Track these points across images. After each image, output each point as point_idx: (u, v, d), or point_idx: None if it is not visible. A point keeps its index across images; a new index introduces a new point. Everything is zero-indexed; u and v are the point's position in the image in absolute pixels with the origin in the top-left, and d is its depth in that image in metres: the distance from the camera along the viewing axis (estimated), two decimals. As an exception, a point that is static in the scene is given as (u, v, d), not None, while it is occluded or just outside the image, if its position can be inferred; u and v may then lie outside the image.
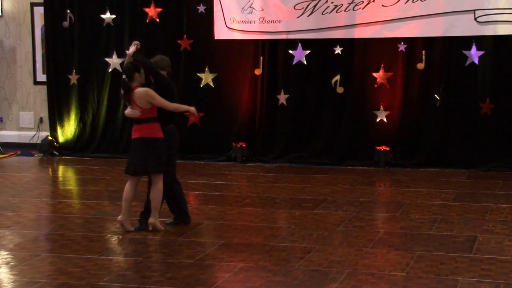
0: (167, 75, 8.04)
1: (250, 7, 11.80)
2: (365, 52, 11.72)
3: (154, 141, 7.87)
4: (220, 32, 12.03)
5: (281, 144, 12.10)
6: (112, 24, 12.64)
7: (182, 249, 7.42)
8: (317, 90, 11.94)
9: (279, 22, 11.73)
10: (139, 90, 7.85)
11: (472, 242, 7.49)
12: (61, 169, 12.23)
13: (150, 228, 7.99)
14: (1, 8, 13.53)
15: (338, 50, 11.70)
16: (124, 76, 7.90)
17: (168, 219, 8.28)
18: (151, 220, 7.97)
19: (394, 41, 11.46)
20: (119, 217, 8.03)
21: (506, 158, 11.20)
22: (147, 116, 7.87)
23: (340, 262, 6.92)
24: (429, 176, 10.87)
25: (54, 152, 12.91)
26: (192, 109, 8.15)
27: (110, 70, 12.69)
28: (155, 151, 7.87)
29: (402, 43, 11.45)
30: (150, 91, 7.83)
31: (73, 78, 12.86)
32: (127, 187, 8.01)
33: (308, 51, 11.83)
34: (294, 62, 11.90)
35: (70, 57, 12.89)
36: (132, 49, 7.87)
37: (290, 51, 11.89)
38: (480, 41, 11.14)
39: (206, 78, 12.29)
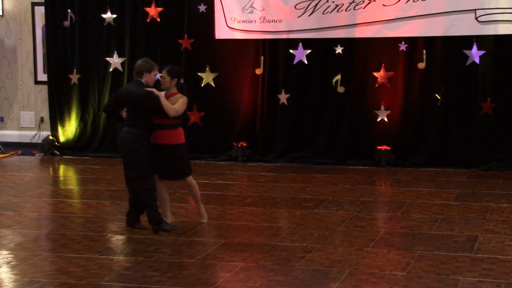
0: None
1: (251, 7, 11.80)
2: (366, 51, 11.72)
3: None
4: (221, 32, 12.02)
5: (282, 144, 12.10)
6: (113, 23, 12.64)
7: (183, 248, 7.42)
8: (318, 89, 11.94)
9: (280, 21, 11.73)
10: None
11: (473, 241, 7.49)
12: (62, 169, 12.23)
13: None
14: (2, 8, 13.54)
15: (339, 49, 11.70)
16: (182, 81, 8.07)
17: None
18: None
19: (395, 41, 11.46)
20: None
21: (507, 158, 11.20)
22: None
23: (341, 261, 6.92)
24: (430, 175, 10.86)
25: (55, 151, 12.91)
26: None
27: (111, 69, 12.68)
28: None
29: (403, 42, 11.44)
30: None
31: (74, 77, 12.86)
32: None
33: (309, 51, 11.83)
34: (295, 62, 11.90)
35: (71, 57, 12.89)
36: None
37: (291, 51, 11.89)
38: (481, 40, 11.13)
39: (207, 77, 12.29)
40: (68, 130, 13.00)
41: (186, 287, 6.35)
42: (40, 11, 13.25)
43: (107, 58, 12.69)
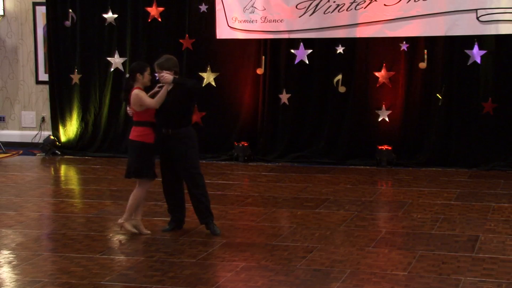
0: (175, 74, 7.80)
1: (252, 7, 11.80)
2: (367, 51, 11.72)
3: (144, 146, 7.76)
4: (222, 32, 12.02)
5: (283, 144, 12.11)
6: (114, 23, 12.64)
7: (184, 248, 7.42)
8: (319, 89, 11.94)
9: (281, 21, 11.73)
10: (133, 92, 7.73)
11: (474, 241, 7.49)
12: (63, 169, 12.23)
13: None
14: (4, 8, 13.54)
15: (340, 49, 11.70)
16: (127, 76, 7.86)
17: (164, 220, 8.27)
18: (120, 221, 7.95)
19: (396, 41, 11.46)
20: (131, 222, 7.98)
21: (508, 158, 11.20)
22: (140, 119, 7.77)
23: (342, 261, 6.92)
24: (431, 175, 10.86)
25: (56, 151, 12.91)
26: (164, 76, 7.69)
27: (112, 69, 12.69)
28: (146, 155, 7.78)
29: (404, 42, 11.44)
30: (139, 93, 7.68)
31: (75, 77, 12.87)
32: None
33: (310, 51, 11.84)
34: (296, 62, 11.90)
35: (72, 57, 12.90)
36: (168, 77, 7.67)
37: (292, 51, 11.89)
38: (482, 40, 11.13)
39: (208, 77, 12.29)
40: (69, 130, 13.00)
41: (187, 287, 6.35)
42: (41, 11, 13.26)
43: (108, 58, 12.70)
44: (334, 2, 11.47)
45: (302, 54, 11.86)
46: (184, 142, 7.76)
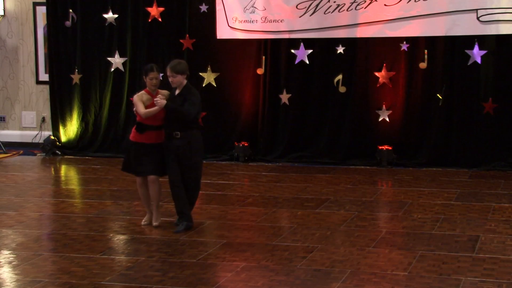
0: (186, 78, 8.01)
1: (253, 7, 11.80)
2: (367, 51, 11.72)
3: (136, 145, 8.07)
4: (223, 32, 12.03)
5: (284, 144, 12.11)
6: (114, 23, 12.64)
7: (184, 248, 7.43)
8: (319, 89, 11.94)
9: (281, 21, 11.73)
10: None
11: (474, 241, 7.49)
12: (63, 169, 12.23)
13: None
14: (4, 8, 13.54)
15: (340, 49, 11.70)
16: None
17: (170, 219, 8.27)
18: (155, 224, 8.22)
19: (396, 41, 11.46)
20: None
21: (509, 158, 11.19)
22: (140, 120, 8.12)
23: (343, 261, 6.92)
24: (432, 175, 10.86)
25: (57, 151, 12.92)
26: (158, 102, 7.86)
27: (112, 69, 12.69)
28: (140, 154, 8.08)
29: (405, 42, 11.44)
30: (135, 98, 8.03)
31: (76, 77, 12.87)
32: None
33: (310, 51, 11.84)
34: (296, 62, 11.90)
35: (72, 57, 12.90)
36: (162, 102, 7.83)
37: (293, 51, 11.89)
38: (483, 40, 11.13)
39: (209, 77, 12.29)
40: (70, 130, 13.01)
41: (187, 287, 6.35)
42: (41, 11, 13.26)
43: (109, 58, 12.70)
44: (335, 2, 11.47)
45: (302, 54, 11.86)
46: (190, 146, 7.96)
